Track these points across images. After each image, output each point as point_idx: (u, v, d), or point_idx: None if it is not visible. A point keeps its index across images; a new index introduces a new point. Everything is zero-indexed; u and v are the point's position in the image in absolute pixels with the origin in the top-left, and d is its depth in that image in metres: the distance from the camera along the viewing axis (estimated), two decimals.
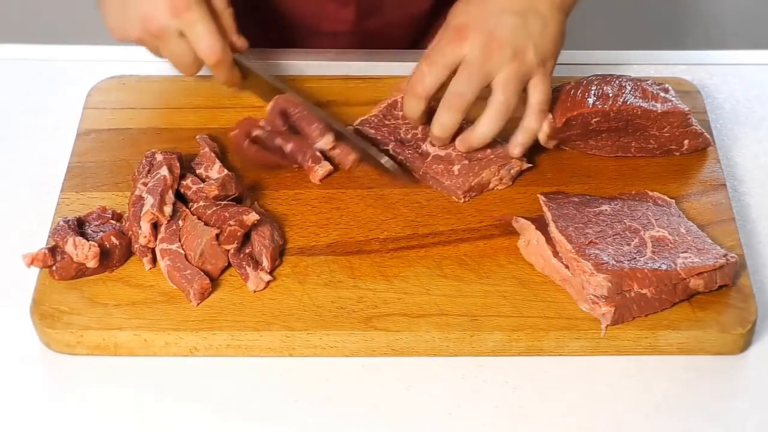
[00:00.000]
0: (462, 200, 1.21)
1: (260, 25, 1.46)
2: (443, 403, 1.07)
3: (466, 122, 1.21)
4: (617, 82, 1.23)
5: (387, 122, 1.27)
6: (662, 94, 1.23)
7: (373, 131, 1.26)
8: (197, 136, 1.24)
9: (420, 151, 1.24)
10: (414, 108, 1.22)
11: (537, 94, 1.20)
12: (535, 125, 1.21)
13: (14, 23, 2.53)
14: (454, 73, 1.18)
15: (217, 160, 1.21)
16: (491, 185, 1.22)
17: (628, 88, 1.22)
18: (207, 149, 1.22)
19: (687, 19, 2.65)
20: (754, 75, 1.39)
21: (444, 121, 1.20)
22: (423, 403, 1.07)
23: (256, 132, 1.24)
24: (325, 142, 1.23)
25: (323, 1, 1.45)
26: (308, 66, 1.38)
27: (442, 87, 1.19)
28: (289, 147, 1.23)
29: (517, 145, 1.21)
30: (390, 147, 1.25)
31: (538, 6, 1.19)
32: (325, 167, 1.21)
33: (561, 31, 1.20)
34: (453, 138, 1.22)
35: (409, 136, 1.25)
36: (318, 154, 1.22)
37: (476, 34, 1.17)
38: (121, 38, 1.25)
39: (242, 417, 1.06)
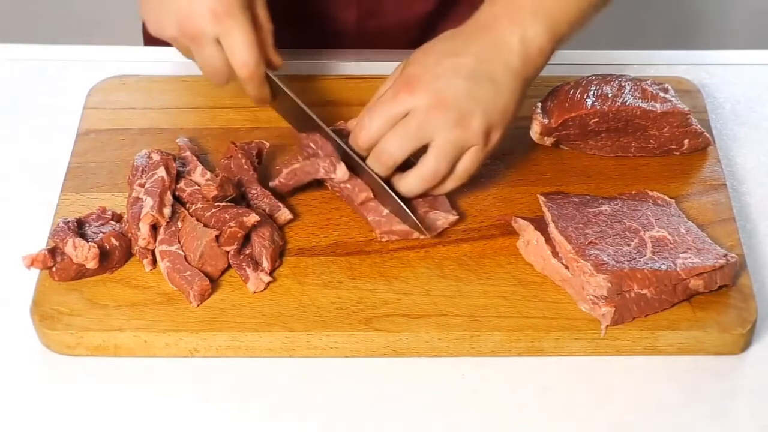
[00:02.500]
0: (380, 239, 1.17)
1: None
2: (443, 403, 1.07)
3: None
4: (617, 82, 1.23)
5: None
6: (662, 94, 1.22)
7: None
8: (177, 139, 1.24)
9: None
10: None
11: (467, 162, 1.14)
12: (447, 187, 1.16)
13: (14, 23, 2.53)
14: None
15: (198, 163, 1.20)
16: (414, 234, 1.17)
17: (628, 88, 1.22)
18: (188, 152, 1.22)
19: (687, 19, 2.65)
20: (754, 75, 1.39)
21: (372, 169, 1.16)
22: (423, 403, 1.07)
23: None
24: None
25: (324, 2, 1.44)
26: (307, 66, 1.38)
27: None
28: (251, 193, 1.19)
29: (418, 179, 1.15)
30: None
31: (494, 71, 1.13)
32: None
33: (515, 99, 1.14)
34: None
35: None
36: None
37: (423, 91, 1.12)
38: (155, 33, 1.20)
39: (242, 418, 1.06)
